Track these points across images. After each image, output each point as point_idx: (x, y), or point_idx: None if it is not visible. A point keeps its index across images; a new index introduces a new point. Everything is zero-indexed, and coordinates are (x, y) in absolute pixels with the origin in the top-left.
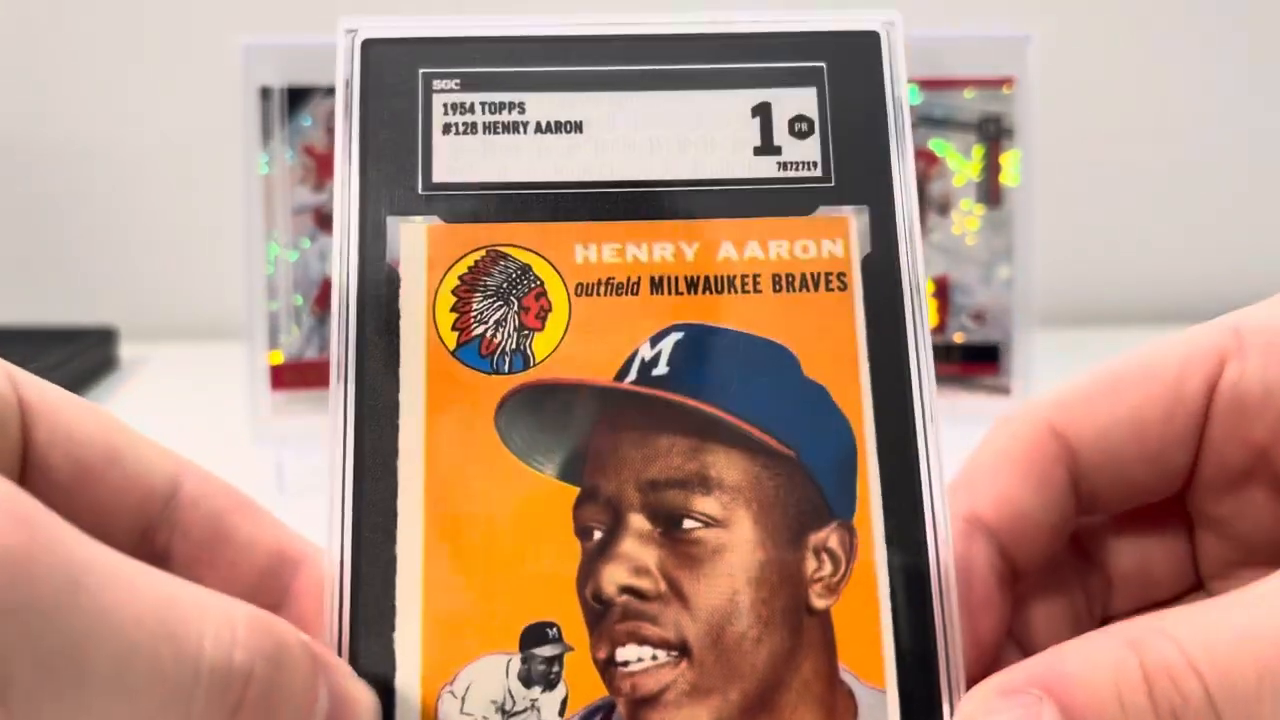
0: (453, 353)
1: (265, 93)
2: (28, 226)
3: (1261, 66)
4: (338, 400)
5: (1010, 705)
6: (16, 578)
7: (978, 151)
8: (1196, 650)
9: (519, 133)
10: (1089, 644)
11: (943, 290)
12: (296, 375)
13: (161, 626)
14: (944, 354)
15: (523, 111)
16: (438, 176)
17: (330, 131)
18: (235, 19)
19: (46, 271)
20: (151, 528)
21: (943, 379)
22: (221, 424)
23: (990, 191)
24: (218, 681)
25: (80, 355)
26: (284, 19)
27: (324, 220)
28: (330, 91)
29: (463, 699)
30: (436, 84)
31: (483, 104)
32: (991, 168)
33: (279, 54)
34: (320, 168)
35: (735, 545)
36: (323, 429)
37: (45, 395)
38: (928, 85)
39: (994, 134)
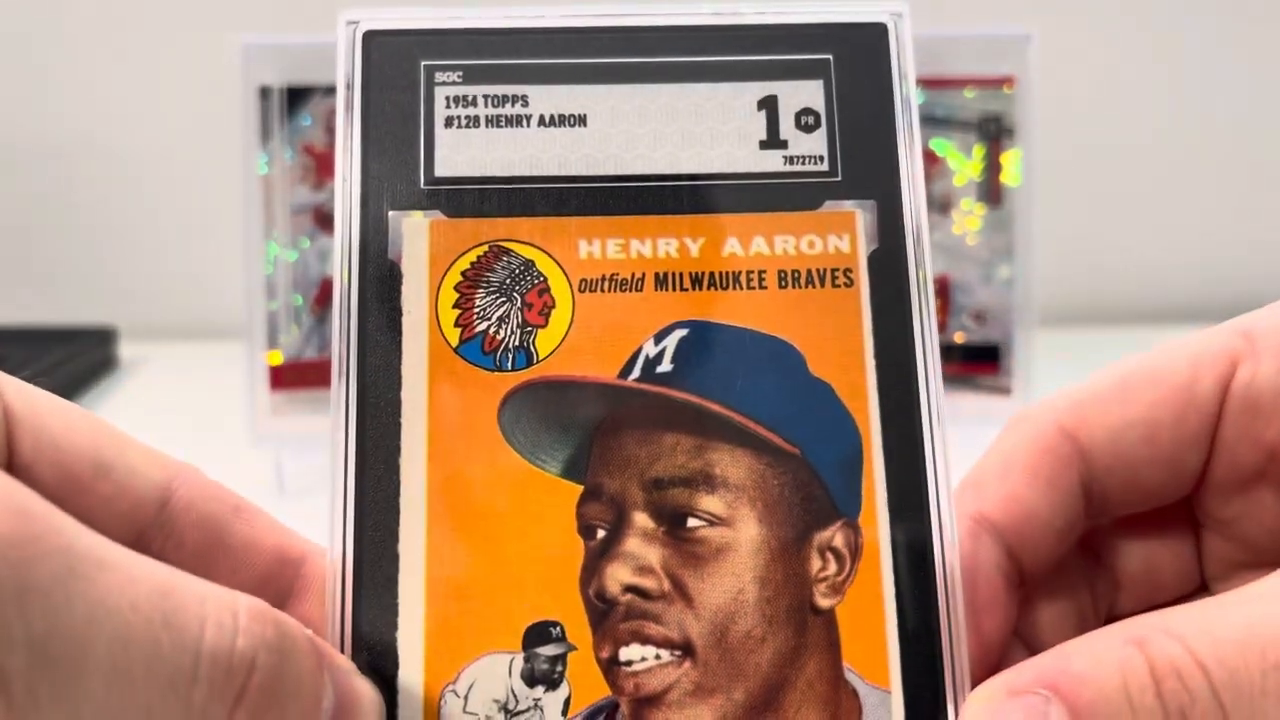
0: (455, 349)
1: (265, 92)
2: (28, 226)
3: (1262, 66)
4: (339, 398)
5: (1017, 705)
6: (13, 564)
7: (978, 151)
8: (1202, 648)
9: (522, 126)
10: (1094, 642)
11: (943, 290)
12: (295, 375)
13: (159, 613)
14: (944, 354)
15: (526, 104)
16: (440, 170)
17: (330, 131)
18: (235, 18)
19: (46, 271)
20: (144, 536)
21: (943, 379)
22: (221, 424)
23: (991, 191)
24: (219, 669)
25: (80, 355)
26: (284, 18)
27: (323, 220)
28: (330, 91)
29: (465, 698)
30: (439, 76)
31: (485, 97)
32: (992, 167)
33: (278, 53)
34: (320, 167)
35: (739, 544)
36: (322, 429)
37: (32, 403)
38: (928, 84)
39: (994, 133)
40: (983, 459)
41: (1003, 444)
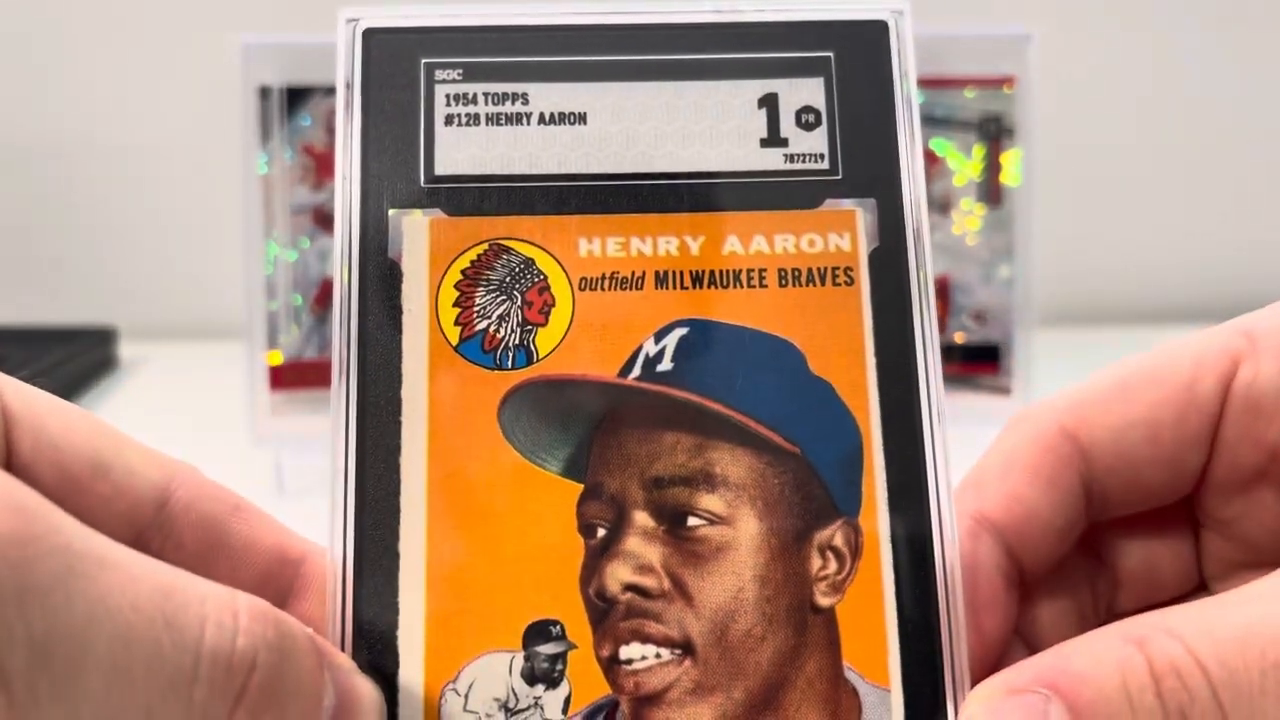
0: (455, 348)
1: (264, 92)
2: (27, 226)
3: (1262, 65)
4: (339, 396)
5: (1016, 704)
6: (13, 564)
7: (978, 151)
8: (1201, 647)
9: (522, 124)
10: (1094, 642)
11: (943, 290)
12: (295, 375)
13: (160, 613)
14: (944, 354)
15: (526, 102)
16: (440, 169)
17: (330, 131)
18: (235, 18)
19: (46, 271)
20: (143, 536)
21: (943, 379)
22: (220, 424)
23: (991, 191)
24: (219, 668)
25: (80, 355)
26: (284, 18)
27: (323, 220)
28: (330, 91)
29: (466, 696)
30: (439, 74)
31: (485, 94)
32: (992, 167)
33: (278, 53)
34: (319, 167)
35: (740, 543)
36: (322, 429)
37: (31, 403)
38: (928, 84)
39: (994, 133)
40: (983, 459)
41: (1003, 444)
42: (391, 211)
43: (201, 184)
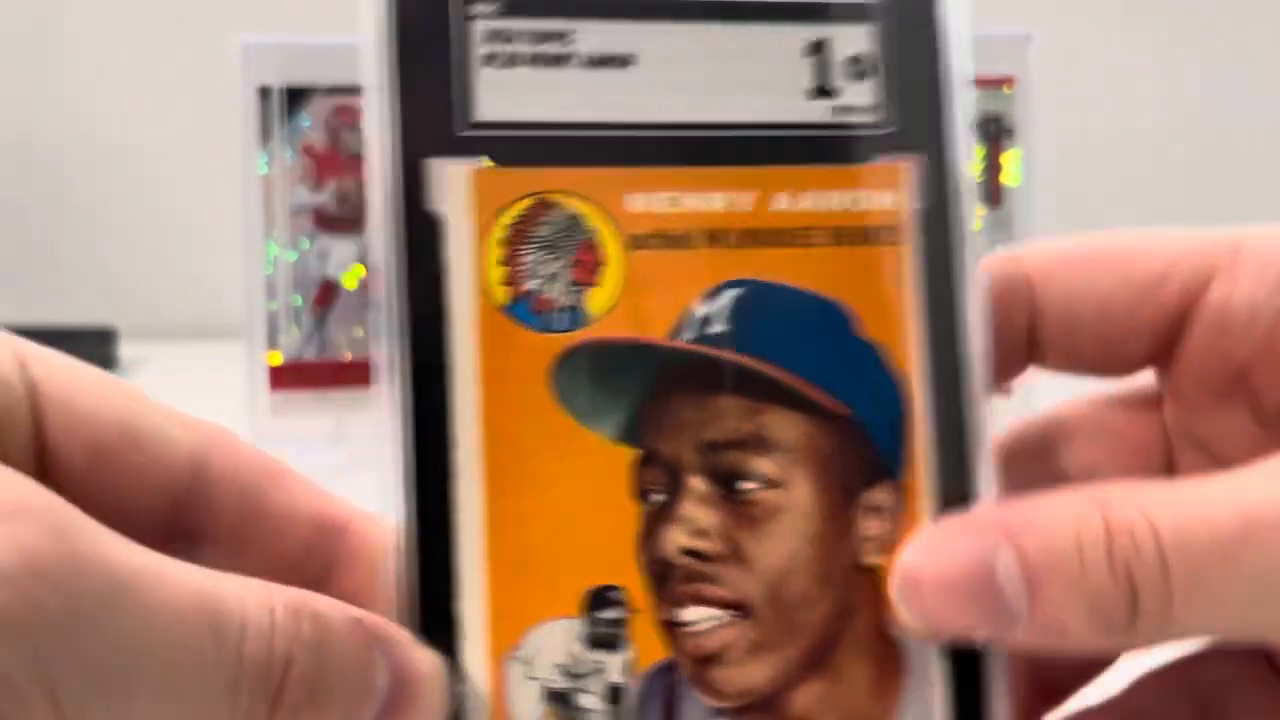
0: (504, 309)
1: (265, 92)
2: (28, 226)
3: (1261, 66)
4: (388, 361)
5: (968, 543)
6: (60, 588)
7: (978, 151)
8: (1159, 514)
9: (565, 66)
10: (1058, 498)
11: None
12: (295, 376)
13: (203, 621)
14: None
15: (570, 42)
16: (480, 114)
17: (330, 131)
18: (235, 18)
19: (46, 271)
20: (179, 507)
21: None
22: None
23: (991, 191)
24: (259, 670)
25: (80, 355)
26: (284, 18)
27: (323, 220)
28: (330, 91)
29: (528, 664)
30: (474, 8)
31: (526, 32)
32: (992, 168)
33: (278, 53)
34: (319, 167)
35: (792, 505)
36: (323, 429)
37: (56, 375)
38: None
39: (994, 134)
40: None
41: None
42: (430, 161)
43: (201, 184)
